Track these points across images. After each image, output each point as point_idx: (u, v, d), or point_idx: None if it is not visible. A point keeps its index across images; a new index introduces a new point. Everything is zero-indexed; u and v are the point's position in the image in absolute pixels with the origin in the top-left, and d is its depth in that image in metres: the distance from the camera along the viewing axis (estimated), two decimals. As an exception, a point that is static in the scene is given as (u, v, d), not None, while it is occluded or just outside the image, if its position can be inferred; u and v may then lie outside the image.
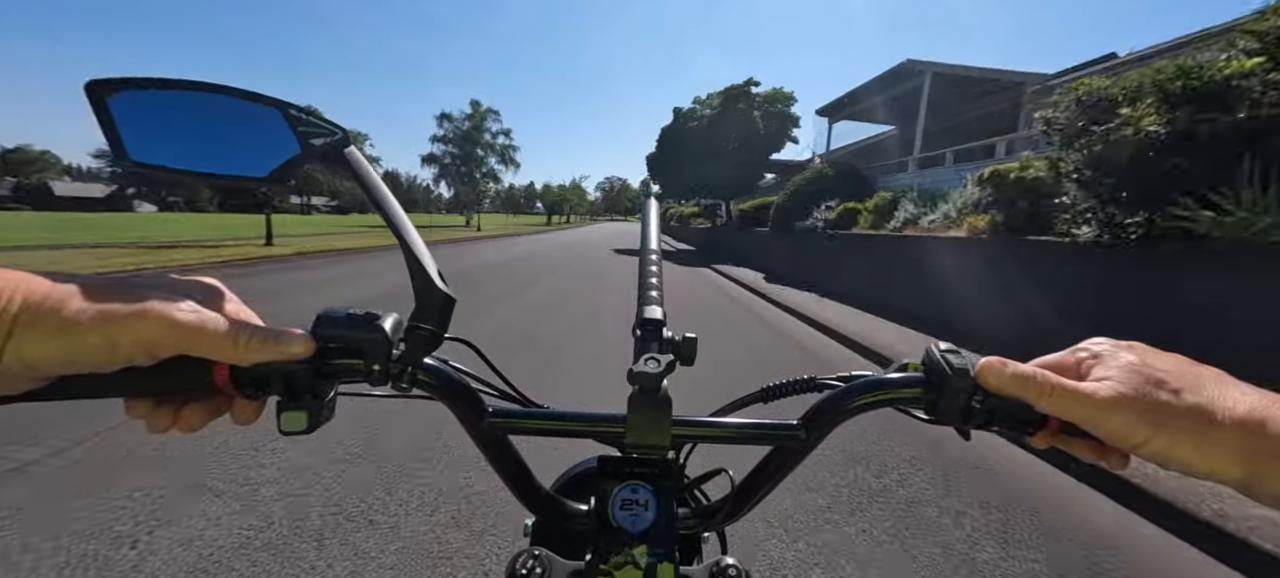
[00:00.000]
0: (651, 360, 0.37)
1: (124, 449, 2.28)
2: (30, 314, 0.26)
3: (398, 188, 77.71)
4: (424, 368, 0.37)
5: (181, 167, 0.35)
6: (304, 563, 1.62)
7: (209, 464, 2.18)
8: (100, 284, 0.29)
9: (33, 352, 0.26)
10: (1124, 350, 0.33)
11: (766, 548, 1.78)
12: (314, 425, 0.34)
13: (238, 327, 0.31)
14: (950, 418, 0.36)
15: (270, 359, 0.32)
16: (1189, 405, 0.29)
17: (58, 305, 0.27)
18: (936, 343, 0.37)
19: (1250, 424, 0.27)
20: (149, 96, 0.33)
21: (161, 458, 2.21)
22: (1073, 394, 0.31)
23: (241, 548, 1.67)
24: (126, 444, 2.31)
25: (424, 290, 0.35)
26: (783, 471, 0.41)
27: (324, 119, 0.36)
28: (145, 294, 0.29)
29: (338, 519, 1.86)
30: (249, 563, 1.60)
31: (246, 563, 1.60)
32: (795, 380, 0.43)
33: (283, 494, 1.99)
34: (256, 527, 1.77)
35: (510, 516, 1.89)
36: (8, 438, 2.29)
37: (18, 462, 2.13)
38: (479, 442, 0.41)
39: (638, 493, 0.39)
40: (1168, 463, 0.29)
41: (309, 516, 1.85)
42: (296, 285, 7.73)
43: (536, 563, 0.42)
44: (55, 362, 0.27)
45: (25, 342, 0.26)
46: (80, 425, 2.44)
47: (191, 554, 1.62)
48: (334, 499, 1.98)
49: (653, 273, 0.50)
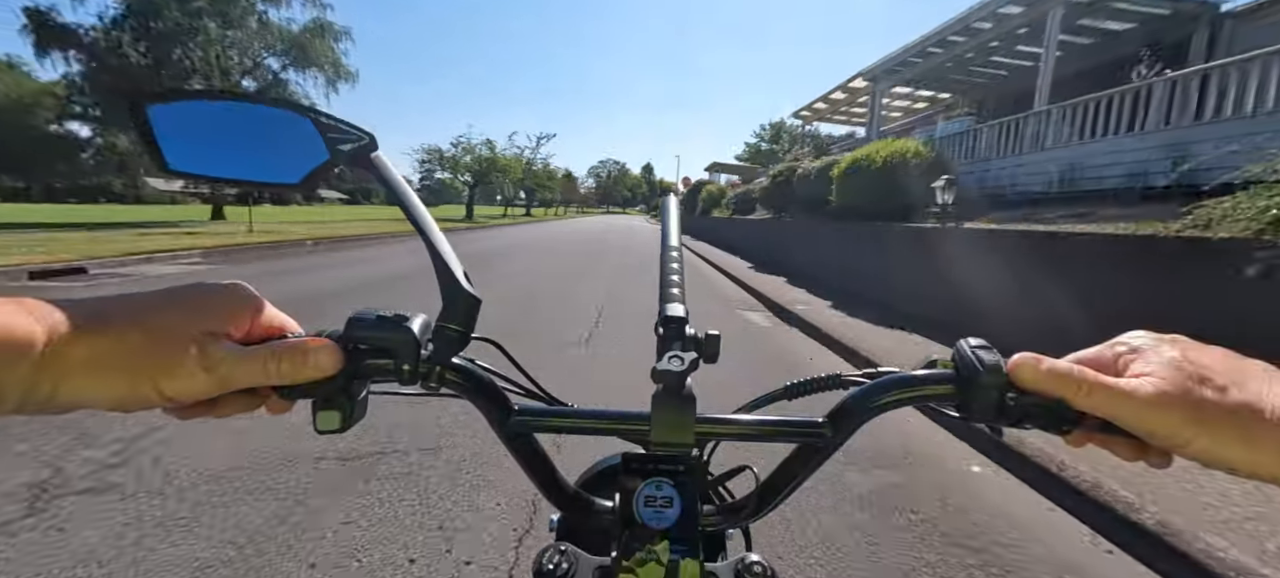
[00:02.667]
0: (675, 359, 0.37)
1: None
2: (57, 358, 0.26)
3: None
4: (452, 367, 0.38)
5: (217, 174, 0.36)
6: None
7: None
8: (132, 317, 0.29)
9: (68, 397, 0.27)
10: (1165, 345, 0.32)
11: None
12: (347, 425, 0.35)
13: (270, 354, 0.32)
14: (982, 416, 0.35)
15: (301, 378, 0.33)
16: (1235, 403, 0.28)
17: (90, 351, 0.27)
18: (968, 339, 0.36)
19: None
20: (186, 108, 0.35)
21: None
22: (1113, 392, 0.30)
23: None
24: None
25: (451, 291, 0.36)
26: (808, 468, 0.40)
27: (351, 125, 0.36)
28: (179, 334, 0.30)
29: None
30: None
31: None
32: (821, 377, 0.42)
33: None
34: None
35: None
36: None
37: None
38: (505, 439, 0.41)
39: (662, 490, 0.39)
40: (1213, 463, 0.28)
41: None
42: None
43: (563, 559, 0.43)
44: (98, 404, 0.28)
45: (60, 388, 0.27)
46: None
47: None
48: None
49: (674, 270, 0.50)
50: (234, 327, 0.33)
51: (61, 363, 0.26)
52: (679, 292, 0.48)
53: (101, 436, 2.35)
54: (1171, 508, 1.84)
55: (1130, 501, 1.89)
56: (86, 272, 7.44)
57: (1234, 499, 1.90)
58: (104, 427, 2.40)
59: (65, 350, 0.26)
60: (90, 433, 2.36)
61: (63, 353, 0.26)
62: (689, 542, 0.37)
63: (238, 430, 2.36)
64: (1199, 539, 1.70)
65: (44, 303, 0.27)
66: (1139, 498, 1.89)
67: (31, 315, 0.26)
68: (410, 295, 6.10)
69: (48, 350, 0.26)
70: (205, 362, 0.30)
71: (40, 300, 0.27)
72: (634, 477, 0.40)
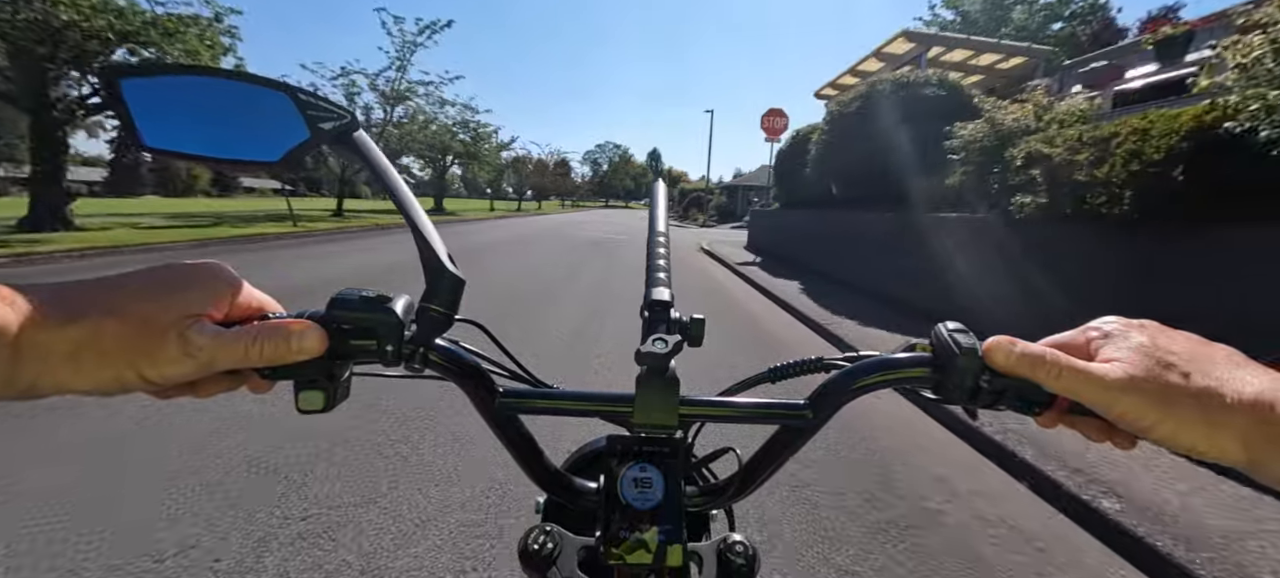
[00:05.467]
0: (659, 341, 0.38)
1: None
2: (36, 348, 0.26)
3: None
4: (436, 349, 0.38)
5: (194, 152, 0.35)
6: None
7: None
8: (110, 306, 0.28)
9: (49, 386, 0.27)
10: (1135, 330, 0.33)
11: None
12: (330, 405, 0.35)
13: (252, 337, 0.32)
14: (958, 398, 0.36)
15: (285, 361, 0.33)
16: (1199, 388, 0.28)
17: (70, 344, 0.27)
18: (945, 323, 0.37)
19: (1260, 407, 0.27)
20: (161, 83, 0.34)
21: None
22: (1083, 375, 0.31)
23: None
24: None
25: (434, 272, 0.36)
26: (790, 449, 0.41)
27: (332, 103, 0.36)
28: (159, 320, 0.29)
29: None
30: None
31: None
32: (803, 361, 0.43)
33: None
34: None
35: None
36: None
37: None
38: (490, 421, 0.41)
39: (646, 472, 0.39)
40: (1176, 447, 0.29)
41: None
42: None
43: (548, 539, 0.43)
44: (80, 392, 0.28)
45: (41, 379, 0.26)
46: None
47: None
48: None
49: (661, 255, 0.50)
50: (214, 308, 0.32)
51: (41, 354, 0.26)
52: (665, 276, 0.48)
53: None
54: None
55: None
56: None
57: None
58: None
59: (45, 342, 0.26)
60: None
61: (42, 344, 0.26)
62: (673, 523, 0.38)
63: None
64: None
65: (17, 292, 0.26)
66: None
67: (7, 305, 0.25)
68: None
69: (25, 341, 0.25)
70: (187, 348, 0.29)
71: (12, 288, 0.26)
72: (619, 459, 0.40)
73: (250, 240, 11.19)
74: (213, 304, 0.32)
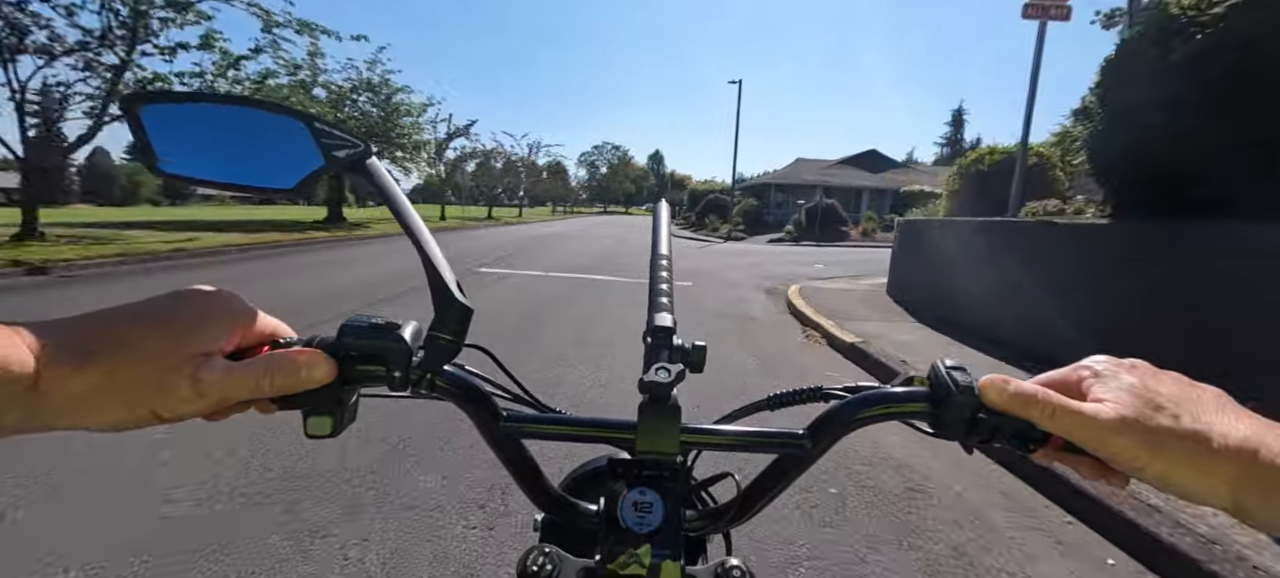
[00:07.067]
0: (662, 370, 0.38)
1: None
2: (54, 390, 0.26)
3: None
4: (442, 374, 0.39)
5: (209, 177, 0.36)
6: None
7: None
8: (121, 345, 0.28)
9: (67, 424, 0.27)
10: (1124, 371, 0.33)
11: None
12: (338, 430, 0.36)
13: (263, 370, 0.32)
14: (953, 433, 0.36)
15: (295, 390, 0.33)
16: (1187, 431, 0.29)
17: (84, 388, 0.27)
18: (943, 360, 0.38)
19: (1244, 453, 0.28)
20: (180, 110, 0.35)
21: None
22: (1075, 415, 0.31)
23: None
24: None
25: (443, 301, 0.36)
26: (787, 477, 0.42)
27: (346, 131, 0.37)
28: (170, 358, 0.29)
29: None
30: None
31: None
32: (802, 390, 0.44)
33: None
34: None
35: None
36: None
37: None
38: (493, 444, 0.42)
39: (646, 495, 0.40)
40: (1167, 488, 0.29)
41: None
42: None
43: (547, 560, 0.43)
44: (97, 428, 0.28)
45: (59, 419, 0.27)
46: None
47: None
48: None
49: (663, 279, 0.51)
50: (225, 340, 0.32)
51: (59, 395, 0.26)
52: (668, 301, 0.49)
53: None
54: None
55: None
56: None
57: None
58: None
59: (63, 384, 0.26)
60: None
61: (60, 385, 0.26)
62: (671, 546, 0.38)
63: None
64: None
65: (35, 330, 0.27)
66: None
67: (25, 345, 0.26)
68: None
69: (45, 382, 0.26)
70: (198, 387, 0.30)
71: (30, 327, 0.27)
72: (619, 481, 0.41)
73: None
74: (224, 336, 0.32)
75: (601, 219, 43.31)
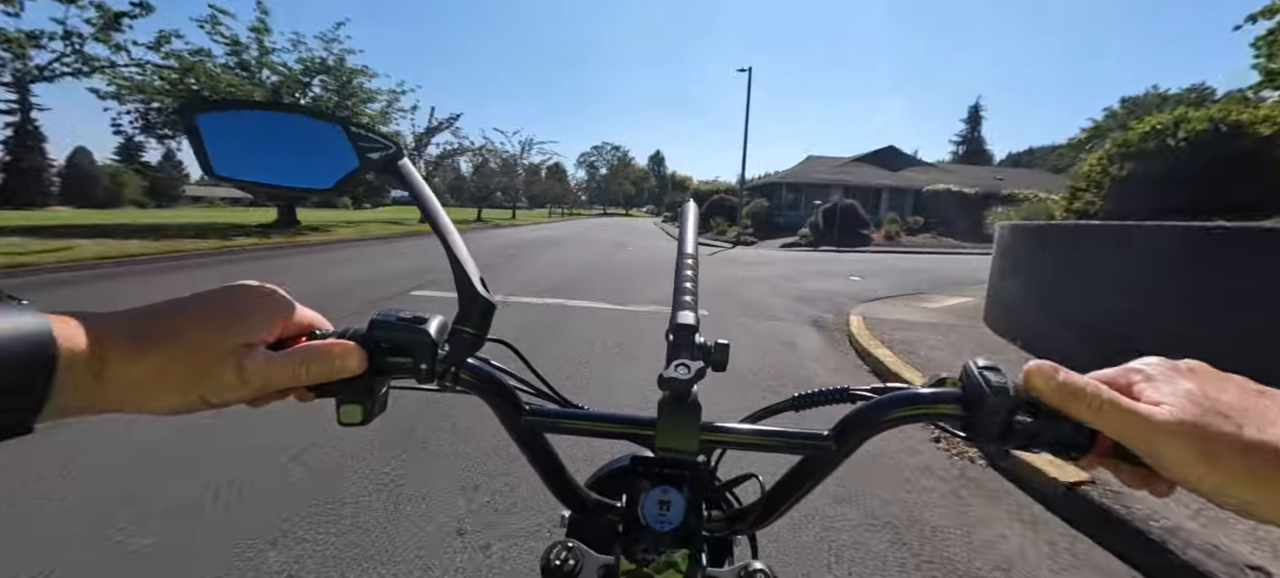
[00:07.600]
0: (682, 366, 0.38)
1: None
2: (117, 376, 0.28)
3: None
4: (467, 368, 0.40)
5: (257, 179, 0.39)
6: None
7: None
8: (176, 335, 0.31)
9: (130, 408, 0.30)
10: (1182, 375, 0.31)
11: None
12: (368, 418, 0.38)
13: (301, 360, 0.35)
14: (988, 437, 0.34)
15: (329, 379, 0.36)
16: (1251, 441, 0.26)
17: (143, 374, 0.29)
18: (976, 360, 0.36)
19: None
20: (231, 117, 0.38)
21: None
22: (1128, 413, 0.29)
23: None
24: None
25: (468, 296, 0.38)
26: (813, 479, 0.41)
27: (380, 134, 0.39)
28: (218, 348, 0.32)
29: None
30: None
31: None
32: (828, 390, 0.43)
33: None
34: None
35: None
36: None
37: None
38: (516, 438, 0.43)
39: (668, 494, 0.40)
40: (1224, 502, 0.27)
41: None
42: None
43: (570, 555, 0.44)
44: (152, 411, 0.31)
45: (123, 403, 0.29)
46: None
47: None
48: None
49: (687, 278, 0.51)
50: (268, 332, 0.35)
51: (121, 381, 0.29)
52: (691, 299, 0.49)
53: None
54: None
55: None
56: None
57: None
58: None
59: (124, 371, 0.29)
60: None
61: (122, 372, 0.29)
62: (692, 546, 0.38)
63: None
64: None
65: (97, 324, 0.29)
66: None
67: (93, 336, 0.28)
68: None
69: (109, 371, 0.28)
70: (242, 375, 0.32)
71: (92, 318, 0.29)
72: (641, 479, 0.41)
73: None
74: (267, 328, 0.35)
75: (600, 222, 40.52)
